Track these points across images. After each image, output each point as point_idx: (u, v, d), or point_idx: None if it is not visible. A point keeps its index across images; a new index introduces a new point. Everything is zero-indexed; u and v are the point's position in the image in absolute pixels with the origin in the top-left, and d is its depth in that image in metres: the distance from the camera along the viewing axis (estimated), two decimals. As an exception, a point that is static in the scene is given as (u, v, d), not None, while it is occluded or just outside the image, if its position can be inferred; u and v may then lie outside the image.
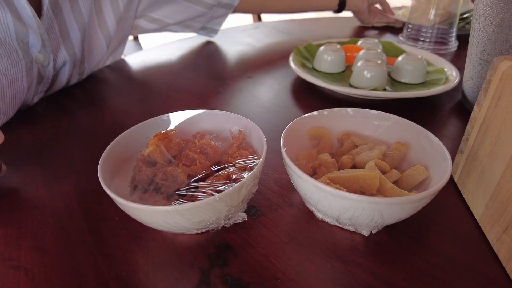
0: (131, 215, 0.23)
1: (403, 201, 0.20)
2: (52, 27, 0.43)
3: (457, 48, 0.65)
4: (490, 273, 0.23)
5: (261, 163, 0.24)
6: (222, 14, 0.68)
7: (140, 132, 0.28)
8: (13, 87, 0.40)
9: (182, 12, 0.62)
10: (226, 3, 0.66)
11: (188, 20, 0.65)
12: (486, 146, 0.26)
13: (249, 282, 0.22)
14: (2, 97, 0.39)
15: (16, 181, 0.33)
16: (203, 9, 0.64)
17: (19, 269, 0.24)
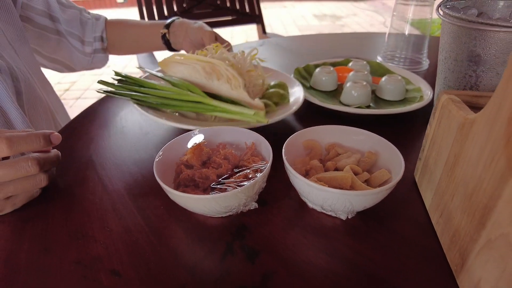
0: (179, 202, 0.32)
1: (365, 193, 0.30)
2: None
3: (428, 66, 0.75)
4: (431, 245, 0.33)
5: (268, 167, 0.34)
6: (101, 59, 0.77)
7: (178, 143, 0.38)
8: None
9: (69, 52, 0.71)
10: (100, 48, 0.75)
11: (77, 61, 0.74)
12: (433, 156, 0.36)
13: (260, 250, 0.32)
14: None
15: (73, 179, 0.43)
16: (83, 56, 0.74)
17: (97, 242, 0.34)
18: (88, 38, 0.73)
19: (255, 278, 0.30)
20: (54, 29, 0.67)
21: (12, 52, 0.56)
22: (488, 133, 0.26)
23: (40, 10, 0.64)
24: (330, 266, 0.31)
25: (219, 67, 0.44)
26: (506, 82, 0.24)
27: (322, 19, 4.42)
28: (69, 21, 0.69)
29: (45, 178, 0.37)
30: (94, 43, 0.74)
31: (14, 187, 0.35)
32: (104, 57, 0.78)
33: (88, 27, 0.73)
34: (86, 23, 0.72)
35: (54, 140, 0.37)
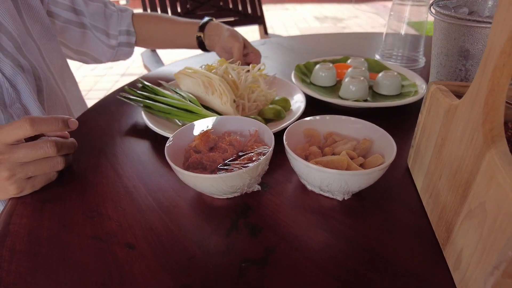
0: (189, 182, 0.35)
1: (359, 173, 0.33)
2: None
3: (425, 63, 0.78)
4: (421, 224, 0.35)
5: (271, 151, 0.36)
6: (126, 52, 0.78)
7: (186, 131, 0.41)
8: None
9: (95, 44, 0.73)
10: (126, 42, 0.76)
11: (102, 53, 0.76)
12: (423, 142, 0.38)
13: (262, 227, 0.35)
14: None
15: (86, 165, 0.46)
16: (108, 48, 0.75)
17: (111, 220, 0.37)
18: (112, 31, 0.74)
19: (259, 251, 0.32)
20: (79, 22, 0.69)
21: (36, 51, 0.58)
22: (469, 115, 0.28)
23: (65, 5, 0.66)
24: (327, 240, 0.33)
25: (214, 82, 0.48)
26: (481, 70, 0.27)
27: (323, 21, 4.46)
28: (93, 15, 0.70)
29: (62, 161, 0.41)
30: (119, 36, 0.75)
31: (34, 167, 0.38)
32: (129, 51, 0.78)
33: (113, 20, 0.73)
34: (111, 16, 0.73)
35: (71, 125, 0.40)
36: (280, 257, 0.32)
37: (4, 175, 0.37)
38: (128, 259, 0.32)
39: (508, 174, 0.23)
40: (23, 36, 0.55)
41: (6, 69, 0.51)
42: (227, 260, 0.32)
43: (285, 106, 0.51)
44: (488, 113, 0.26)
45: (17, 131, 0.36)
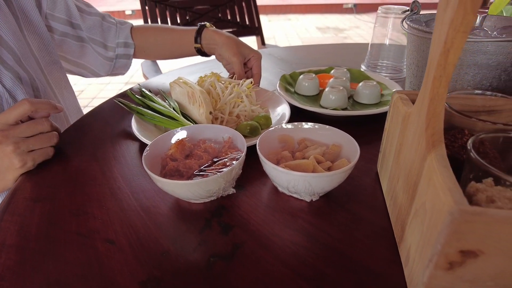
0: (167, 189, 0.38)
1: (321, 175, 0.35)
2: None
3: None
4: (383, 224, 0.37)
5: (243, 155, 0.39)
6: (123, 64, 0.80)
7: (163, 140, 0.43)
8: None
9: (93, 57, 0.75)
10: (123, 54, 0.77)
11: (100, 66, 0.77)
12: (388, 148, 0.41)
13: (234, 225, 0.37)
14: None
15: (77, 168, 0.49)
16: (106, 61, 0.77)
17: (95, 218, 0.39)
18: (110, 43, 0.76)
19: (227, 247, 0.35)
20: (76, 35, 0.71)
21: (35, 64, 0.61)
22: (417, 122, 0.31)
23: (63, 19, 0.69)
24: (292, 238, 0.36)
25: (195, 93, 0.51)
26: (425, 81, 0.29)
27: (325, 31, 4.52)
28: (90, 28, 0.72)
29: (56, 136, 0.49)
30: (117, 48, 0.77)
31: (34, 140, 0.46)
32: (127, 63, 0.80)
33: (111, 32, 0.75)
34: (109, 29, 0.75)
35: (59, 108, 0.49)
36: (247, 253, 0.34)
37: (10, 148, 0.44)
38: (107, 253, 0.35)
39: (441, 175, 0.26)
40: (23, 50, 0.58)
41: (6, 81, 0.55)
42: (197, 255, 0.34)
43: (266, 124, 0.53)
44: (430, 120, 0.29)
45: (19, 109, 0.45)
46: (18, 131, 0.45)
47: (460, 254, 0.24)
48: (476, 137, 0.29)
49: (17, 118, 0.45)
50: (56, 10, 0.67)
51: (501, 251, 0.23)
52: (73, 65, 0.77)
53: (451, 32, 0.25)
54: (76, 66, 0.77)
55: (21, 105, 0.45)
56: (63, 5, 0.68)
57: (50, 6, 0.66)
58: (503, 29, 0.50)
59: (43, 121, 0.47)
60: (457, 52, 0.26)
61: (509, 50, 0.41)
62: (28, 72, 0.59)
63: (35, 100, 0.46)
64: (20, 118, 0.46)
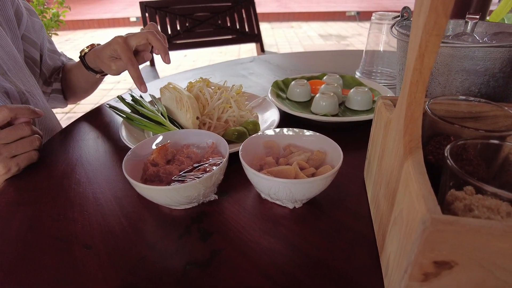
0: (146, 195, 0.37)
1: (301, 182, 0.35)
2: None
3: None
4: (366, 233, 0.36)
5: (225, 161, 0.39)
6: (60, 100, 0.76)
7: (146, 145, 0.43)
8: None
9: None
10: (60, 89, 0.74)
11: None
12: (372, 154, 0.40)
13: (213, 231, 0.37)
14: None
15: (62, 172, 0.49)
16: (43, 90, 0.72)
17: (75, 222, 0.39)
18: (53, 80, 0.73)
19: (205, 254, 0.34)
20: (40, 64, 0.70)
21: (27, 75, 0.61)
22: (396, 127, 0.30)
23: (37, 45, 0.67)
24: (271, 245, 0.35)
25: (183, 98, 0.51)
26: (403, 86, 0.29)
27: (327, 39, 4.54)
28: (48, 67, 0.71)
29: (38, 139, 0.48)
30: (54, 83, 0.73)
31: (16, 145, 0.45)
32: (62, 99, 0.76)
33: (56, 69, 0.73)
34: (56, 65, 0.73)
35: (39, 113, 0.49)
36: (224, 260, 0.33)
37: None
38: (83, 259, 0.34)
39: (417, 182, 0.25)
40: (12, 61, 0.57)
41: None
42: (174, 262, 0.33)
43: (254, 129, 0.53)
44: (408, 126, 0.28)
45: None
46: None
47: (435, 265, 0.23)
48: (454, 144, 0.28)
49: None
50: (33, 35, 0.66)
51: (476, 262, 0.22)
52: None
53: (425, 36, 0.24)
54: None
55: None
56: (41, 32, 0.68)
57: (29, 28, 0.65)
58: (494, 35, 0.49)
59: (23, 126, 0.46)
60: (432, 56, 0.25)
61: (496, 56, 0.41)
62: (16, 85, 0.57)
63: (13, 106, 0.46)
64: (0, 125, 0.45)
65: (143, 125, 0.52)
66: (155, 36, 0.56)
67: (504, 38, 0.47)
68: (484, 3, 1.38)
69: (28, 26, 0.65)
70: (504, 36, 0.47)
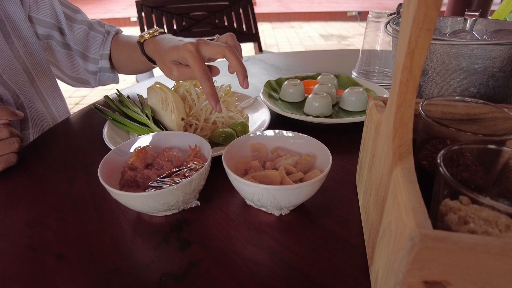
0: (121, 201, 0.35)
1: (284, 188, 0.32)
2: None
3: None
4: (356, 242, 0.34)
5: (206, 165, 0.36)
6: (111, 78, 0.73)
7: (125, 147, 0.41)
8: None
9: (77, 65, 0.71)
10: (107, 67, 0.71)
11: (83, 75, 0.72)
12: (363, 158, 0.38)
13: (193, 241, 0.35)
14: None
15: (42, 176, 0.47)
16: (89, 74, 0.72)
17: (50, 230, 0.37)
18: (93, 55, 0.69)
19: (182, 265, 0.32)
20: (62, 42, 0.67)
21: (22, 74, 0.58)
22: (386, 131, 0.28)
23: (48, 23, 0.64)
24: (253, 256, 0.33)
25: (168, 99, 0.48)
26: (393, 86, 0.26)
27: (328, 39, 4.51)
28: (75, 38, 0.67)
29: (17, 141, 0.46)
30: (100, 60, 0.70)
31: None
32: (113, 76, 0.73)
33: (96, 43, 0.69)
34: (94, 39, 0.69)
35: (19, 114, 0.48)
36: (202, 272, 0.31)
37: None
38: (55, 269, 0.32)
39: (406, 192, 0.23)
40: (6, 62, 0.55)
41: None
42: (148, 273, 0.31)
43: (242, 131, 0.50)
44: (398, 129, 0.26)
45: None
46: None
47: (425, 285, 0.21)
48: (448, 149, 0.26)
49: None
50: (40, 13, 0.64)
51: (471, 283, 0.20)
52: (62, 73, 0.73)
53: (415, 31, 0.22)
54: (71, 79, 0.73)
55: None
56: (48, 6, 0.64)
57: (33, 7, 0.62)
58: (494, 33, 0.47)
59: (1, 128, 0.44)
60: (423, 53, 0.23)
61: (496, 54, 0.38)
62: (10, 88, 0.56)
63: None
64: None
65: (127, 126, 0.50)
66: (235, 54, 0.48)
67: (505, 36, 0.44)
68: (485, 2, 1.35)
69: (32, 5, 0.62)
70: (504, 33, 0.45)
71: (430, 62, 0.43)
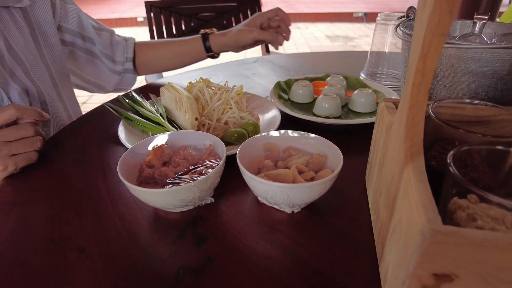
0: (140, 197, 0.37)
1: (298, 186, 0.34)
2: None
3: None
4: (366, 240, 0.35)
5: (221, 164, 0.38)
6: (130, 79, 0.82)
7: (143, 145, 0.42)
8: None
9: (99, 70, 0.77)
10: (131, 69, 0.80)
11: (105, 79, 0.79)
12: (374, 159, 0.39)
13: (209, 236, 0.36)
14: None
15: (60, 173, 0.48)
16: (113, 75, 0.78)
17: (69, 224, 0.38)
18: (119, 58, 0.78)
19: (199, 260, 0.33)
20: (85, 48, 0.73)
21: (46, 75, 0.62)
22: (398, 132, 0.29)
23: (74, 31, 0.71)
24: (267, 252, 0.34)
25: (182, 99, 0.50)
26: (405, 89, 0.28)
27: (334, 40, 4.51)
28: (103, 43, 0.75)
29: (40, 141, 0.48)
30: (126, 63, 0.79)
31: (16, 144, 0.45)
32: (133, 78, 0.82)
33: (120, 48, 0.78)
34: (118, 44, 0.77)
35: (45, 116, 0.49)
36: (218, 266, 0.32)
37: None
38: (75, 262, 0.34)
39: (417, 190, 0.24)
40: (34, 61, 0.59)
41: (13, 94, 0.56)
42: (166, 267, 0.33)
43: (254, 131, 0.52)
44: (409, 130, 0.27)
45: (3, 114, 0.45)
46: (1, 135, 0.44)
47: (434, 277, 0.22)
48: (457, 149, 0.27)
49: (1, 122, 0.45)
50: (68, 22, 0.70)
51: (478, 276, 0.21)
52: (80, 79, 0.78)
53: (428, 35, 0.23)
54: (85, 81, 0.79)
55: (6, 110, 0.45)
56: (75, 17, 0.70)
57: (63, 17, 0.68)
58: (503, 36, 0.48)
59: (27, 126, 0.46)
60: (435, 57, 0.24)
61: (505, 57, 0.39)
62: (36, 84, 0.59)
63: (21, 106, 0.46)
64: (5, 123, 0.45)
65: (141, 125, 0.52)
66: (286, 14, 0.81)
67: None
68: (494, 4, 1.35)
69: (62, 16, 0.68)
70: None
71: (439, 65, 0.44)
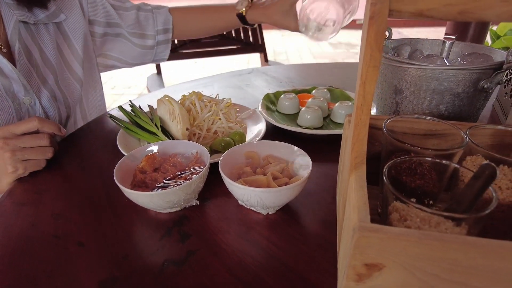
0: (132, 199, 0.42)
1: (269, 191, 0.38)
2: (31, 75, 0.59)
3: None
4: (331, 239, 0.40)
5: (205, 170, 0.43)
6: (164, 49, 0.84)
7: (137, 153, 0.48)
8: None
9: (131, 50, 0.80)
10: (163, 40, 0.82)
11: (139, 57, 0.82)
12: (340, 167, 0.44)
13: (192, 234, 0.41)
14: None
15: (64, 176, 0.54)
16: (146, 50, 0.81)
17: (72, 222, 0.44)
18: (150, 32, 0.79)
19: (182, 254, 0.38)
20: (114, 33, 0.76)
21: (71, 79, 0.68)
22: (348, 144, 0.34)
23: (102, 22, 0.74)
24: (241, 247, 0.39)
25: (175, 110, 0.55)
26: (354, 109, 0.32)
27: (337, 46, 4.57)
28: (130, 24, 0.77)
29: (51, 151, 0.53)
30: (157, 36, 0.80)
31: (30, 151, 0.50)
32: (166, 47, 0.84)
33: (149, 22, 0.78)
34: (146, 18, 0.78)
35: (62, 131, 0.55)
36: (197, 259, 0.37)
37: (8, 154, 0.49)
38: (76, 254, 0.39)
39: (356, 194, 0.28)
40: (61, 71, 0.66)
41: (44, 99, 0.62)
42: (153, 259, 0.38)
43: (240, 140, 0.57)
44: (355, 143, 0.32)
45: (28, 124, 0.50)
46: (19, 141, 0.50)
47: (366, 267, 0.26)
48: (392, 163, 0.31)
49: (24, 131, 0.51)
50: (97, 15, 0.73)
51: (399, 265, 0.25)
52: (114, 60, 0.82)
53: (365, 67, 0.28)
54: (111, 59, 0.82)
55: (30, 121, 0.51)
56: (101, 8, 0.73)
57: (91, 12, 0.72)
58: (467, 56, 0.52)
59: (44, 137, 0.51)
60: (372, 84, 0.29)
61: (459, 77, 0.44)
62: (63, 92, 0.65)
63: (44, 119, 0.52)
64: (27, 131, 0.51)
65: (138, 135, 0.57)
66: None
67: (474, 60, 0.50)
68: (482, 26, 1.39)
69: (90, 11, 0.71)
70: (474, 57, 0.50)
71: (404, 83, 0.49)
